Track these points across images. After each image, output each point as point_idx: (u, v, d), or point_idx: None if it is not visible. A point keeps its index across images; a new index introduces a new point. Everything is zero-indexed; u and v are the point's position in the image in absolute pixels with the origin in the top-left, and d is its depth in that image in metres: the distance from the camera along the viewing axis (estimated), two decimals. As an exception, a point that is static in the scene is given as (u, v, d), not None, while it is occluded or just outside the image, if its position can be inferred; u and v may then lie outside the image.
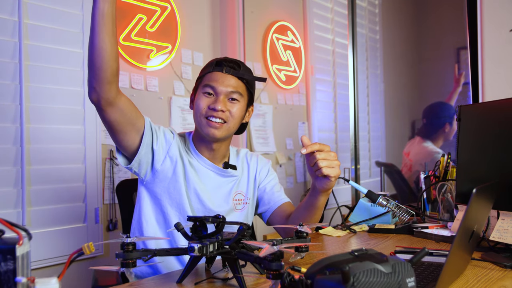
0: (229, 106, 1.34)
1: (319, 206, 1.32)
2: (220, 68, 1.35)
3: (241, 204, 1.46)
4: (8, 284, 0.62)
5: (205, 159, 1.40)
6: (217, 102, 1.32)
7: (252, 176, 1.50)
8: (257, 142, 2.79)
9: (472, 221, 0.96)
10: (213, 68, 1.36)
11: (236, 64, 1.38)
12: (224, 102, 1.33)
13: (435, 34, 3.54)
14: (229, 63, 1.37)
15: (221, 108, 1.32)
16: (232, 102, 1.35)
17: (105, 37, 1.12)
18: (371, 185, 3.37)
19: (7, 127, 1.74)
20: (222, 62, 1.36)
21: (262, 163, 1.54)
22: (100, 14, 1.11)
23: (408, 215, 1.55)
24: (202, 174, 1.39)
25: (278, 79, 2.99)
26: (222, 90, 1.33)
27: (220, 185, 1.42)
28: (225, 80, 1.34)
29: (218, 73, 1.35)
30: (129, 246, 0.91)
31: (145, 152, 1.30)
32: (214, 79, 1.34)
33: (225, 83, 1.34)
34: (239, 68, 1.37)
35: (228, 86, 1.34)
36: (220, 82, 1.34)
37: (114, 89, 1.17)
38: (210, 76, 1.35)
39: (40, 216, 1.81)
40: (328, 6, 3.38)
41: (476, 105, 1.86)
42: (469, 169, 1.35)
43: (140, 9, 2.21)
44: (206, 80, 1.35)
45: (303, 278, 0.65)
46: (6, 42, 1.74)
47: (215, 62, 1.38)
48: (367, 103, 3.52)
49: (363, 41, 3.47)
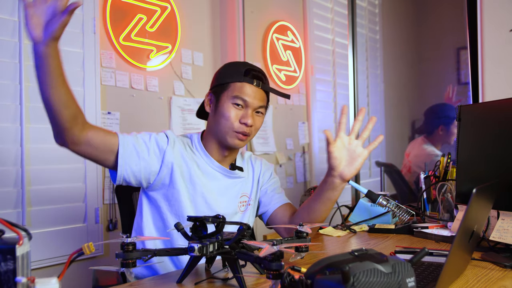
0: (255, 120, 1.36)
1: (335, 199, 1.34)
2: (251, 80, 1.34)
3: (245, 206, 1.46)
4: (8, 284, 0.62)
5: (214, 160, 1.39)
6: (248, 116, 1.32)
7: (256, 178, 1.50)
8: (257, 142, 2.79)
9: (472, 221, 0.96)
10: (243, 78, 1.34)
11: (263, 75, 1.38)
12: (253, 117, 1.34)
13: (435, 34, 3.54)
14: (257, 73, 1.37)
15: (251, 123, 1.33)
16: (258, 115, 1.37)
17: (51, 90, 1.08)
18: (371, 185, 3.37)
19: (7, 127, 1.74)
20: (251, 72, 1.35)
21: (265, 166, 1.55)
22: (42, 70, 1.07)
23: (408, 215, 1.55)
24: (209, 175, 1.39)
25: (278, 79, 2.99)
26: (253, 104, 1.34)
27: (227, 186, 1.42)
28: (257, 94, 1.34)
29: (248, 84, 1.34)
30: (129, 246, 0.91)
31: (133, 170, 1.27)
32: (246, 92, 1.33)
33: (256, 97, 1.34)
34: (265, 80, 1.38)
35: (258, 100, 1.35)
36: (252, 96, 1.33)
37: (76, 131, 1.15)
38: (241, 87, 1.33)
39: (40, 216, 1.81)
40: (328, 6, 3.38)
41: (476, 105, 1.86)
42: (469, 169, 1.35)
43: (140, 9, 2.21)
44: (236, 91, 1.33)
45: (303, 278, 0.65)
46: (6, 42, 1.74)
47: (243, 70, 1.35)
48: (367, 103, 3.52)
49: (363, 41, 3.47)
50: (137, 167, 1.27)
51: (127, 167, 1.25)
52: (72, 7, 0.99)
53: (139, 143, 1.28)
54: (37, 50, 1.04)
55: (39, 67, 1.06)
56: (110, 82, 2.09)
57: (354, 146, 1.30)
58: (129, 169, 1.26)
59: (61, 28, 1.02)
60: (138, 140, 1.29)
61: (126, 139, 1.26)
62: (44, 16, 1.02)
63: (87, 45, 1.98)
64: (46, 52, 1.04)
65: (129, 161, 1.25)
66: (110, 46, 2.10)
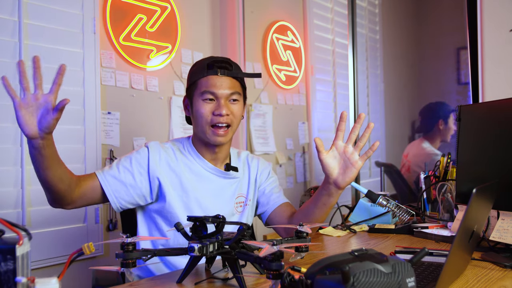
0: (231, 108, 1.34)
1: (332, 204, 1.32)
2: (214, 71, 1.32)
3: (242, 206, 1.46)
4: (8, 284, 0.62)
5: (207, 162, 1.39)
6: (220, 107, 1.31)
7: (253, 178, 1.49)
8: (257, 142, 2.79)
9: (472, 221, 0.96)
10: (206, 72, 1.33)
11: (227, 64, 1.35)
12: (227, 105, 1.32)
13: (435, 34, 3.54)
14: (220, 64, 1.34)
15: (225, 112, 1.31)
16: (233, 103, 1.35)
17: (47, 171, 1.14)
18: (371, 185, 3.37)
19: (7, 127, 1.74)
20: (213, 64, 1.34)
21: (263, 165, 1.53)
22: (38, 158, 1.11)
23: (408, 215, 1.55)
24: (202, 177, 1.38)
25: (278, 79, 2.99)
26: (223, 94, 1.32)
27: (222, 187, 1.41)
28: (223, 82, 1.32)
29: (213, 76, 1.32)
30: (129, 246, 0.91)
31: (126, 199, 1.31)
32: (212, 84, 1.32)
33: (223, 86, 1.32)
34: (231, 67, 1.35)
35: (227, 88, 1.32)
36: (218, 86, 1.32)
37: (70, 195, 1.21)
38: (207, 82, 1.32)
39: (40, 216, 1.81)
40: (328, 6, 3.38)
41: (476, 105, 1.86)
42: (469, 169, 1.35)
43: (140, 9, 2.21)
44: (203, 87, 1.33)
45: (303, 278, 0.65)
46: (6, 42, 1.74)
47: (205, 65, 1.34)
48: (367, 103, 3.52)
49: (363, 41, 3.47)
50: (128, 196, 1.30)
51: (119, 200, 1.30)
52: (61, 105, 1.02)
53: (121, 172, 1.30)
54: (32, 144, 1.08)
55: (35, 157, 1.11)
56: (110, 82, 2.09)
57: (349, 154, 1.27)
58: (122, 201, 1.30)
59: (54, 123, 1.06)
60: (119, 169, 1.30)
61: (105, 176, 1.28)
62: (36, 114, 1.06)
63: (87, 45, 1.98)
64: (42, 144, 1.09)
65: (118, 194, 1.29)
66: (110, 46, 2.10)
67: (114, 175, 1.29)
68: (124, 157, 1.33)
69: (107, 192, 1.28)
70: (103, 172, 1.29)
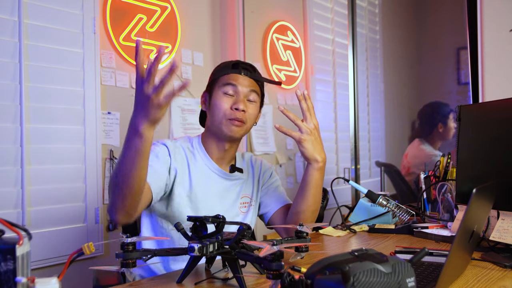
0: (248, 107, 1.36)
1: (308, 181, 1.32)
2: (238, 71, 1.37)
3: (247, 207, 1.46)
4: (8, 284, 0.62)
5: (213, 162, 1.40)
6: (239, 102, 1.34)
7: (256, 178, 1.51)
8: (257, 142, 2.79)
9: (472, 221, 0.96)
10: (230, 70, 1.38)
11: (251, 67, 1.41)
12: (245, 102, 1.35)
13: (435, 34, 3.54)
14: (245, 65, 1.40)
15: (243, 108, 1.33)
16: (250, 102, 1.38)
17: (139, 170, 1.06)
18: (371, 185, 3.37)
19: (7, 127, 1.74)
20: (239, 64, 1.39)
21: (266, 166, 1.55)
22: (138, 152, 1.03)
23: (408, 215, 1.55)
24: (209, 179, 1.39)
25: (278, 79, 2.99)
26: (243, 90, 1.36)
27: (227, 188, 1.42)
28: (245, 81, 1.37)
29: (237, 75, 1.37)
30: (129, 246, 0.91)
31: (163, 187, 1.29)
32: (235, 79, 1.36)
33: (245, 84, 1.36)
34: (254, 72, 1.40)
35: (248, 86, 1.36)
36: (240, 82, 1.36)
37: (138, 210, 1.15)
38: (229, 77, 1.36)
39: (40, 216, 1.81)
40: (328, 6, 3.38)
41: (476, 105, 1.86)
42: (469, 169, 1.35)
43: (140, 9, 2.21)
44: (225, 80, 1.36)
45: (303, 278, 0.65)
46: (6, 42, 1.74)
47: (231, 64, 1.39)
48: (367, 103, 3.52)
49: (363, 41, 3.47)
50: (163, 182, 1.28)
51: (159, 191, 1.27)
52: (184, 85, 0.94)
53: (154, 165, 1.26)
54: (143, 134, 1.01)
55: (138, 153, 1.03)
56: (110, 82, 2.09)
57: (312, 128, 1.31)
58: (161, 190, 1.28)
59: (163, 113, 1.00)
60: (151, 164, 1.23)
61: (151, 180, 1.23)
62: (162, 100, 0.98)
63: (87, 45, 1.98)
64: (150, 135, 1.02)
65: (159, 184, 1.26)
66: (110, 46, 2.10)
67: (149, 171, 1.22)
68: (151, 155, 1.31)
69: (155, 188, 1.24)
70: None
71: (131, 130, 1.02)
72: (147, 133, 1.01)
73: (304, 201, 1.33)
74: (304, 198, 1.34)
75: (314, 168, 1.31)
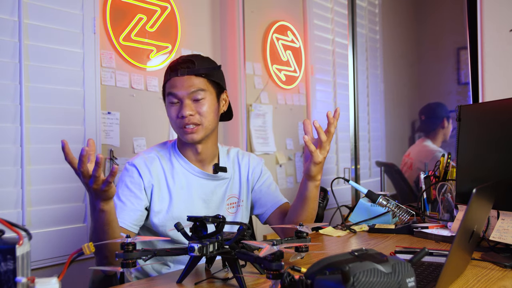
0: (196, 107, 1.31)
1: (308, 196, 1.31)
2: (175, 73, 1.32)
3: (235, 207, 1.44)
4: (8, 284, 0.62)
5: (193, 165, 1.38)
6: (182, 108, 1.30)
7: (245, 177, 1.47)
8: (257, 142, 2.79)
9: (472, 221, 0.96)
10: (169, 74, 1.34)
11: (189, 62, 1.33)
12: (190, 106, 1.31)
13: (435, 34, 3.54)
14: (182, 64, 1.33)
15: (188, 113, 1.29)
16: (198, 102, 1.32)
17: (111, 233, 1.16)
18: (371, 185, 3.37)
19: (7, 127, 1.73)
20: (176, 66, 1.33)
21: (254, 162, 1.50)
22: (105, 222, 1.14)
23: (408, 215, 1.55)
24: (191, 183, 1.37)
25: (278, 79, 2.99)
26: (184, 94, 1.31)
27: (212, 190, 1.40)
28: (183, 83, 1.31)
29: (175, 78, 1.32)
30: (129, 246, 0.91)
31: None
32: (173, 86, 1.32)
33: (184, 86, 1.30)
34: (194, 65, 1.33)
35: (187, 88, 1.30)
36: (178, 87, 1.31)
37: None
38: (170, 84, 1.33)
39: (40, 216, 1.81)
40: (328, 6, 3.38)
41: (476, 105, 1.86)
42: (469, 169, 1.35)
43: (140, 9, 2.21)
44: (167, 88, 1.34)
45: (303, 278, 0.65)
46: (6, 42, 1.74)
47: (169, 67, 1.36)
48: (367, 103, 3.52)
49: (363, 41, 3.47)
50: (143, 216, 1.33)
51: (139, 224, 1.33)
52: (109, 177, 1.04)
53: (129, 203, 1.31)
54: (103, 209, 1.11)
55: (105, 220, 1.14)
56: (110, 82, 2.09)
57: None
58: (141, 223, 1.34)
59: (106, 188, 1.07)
60: (125, 202, 1.31)
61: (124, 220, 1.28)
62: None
63: (87, 45, 1.98)
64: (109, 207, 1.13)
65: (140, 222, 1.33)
66: (110, 46, 2.10)
67: (128, 212, 1.30)
68: (119, 185, 1.34)
69: (134, 229, 1.30)
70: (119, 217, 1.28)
71: (93, 208, 1.13)
72: (106, 207, 1.11)
73: (304, 212, 1.34)
74: (303, 210, 1.34)
75: (316, 185, 1.31)
